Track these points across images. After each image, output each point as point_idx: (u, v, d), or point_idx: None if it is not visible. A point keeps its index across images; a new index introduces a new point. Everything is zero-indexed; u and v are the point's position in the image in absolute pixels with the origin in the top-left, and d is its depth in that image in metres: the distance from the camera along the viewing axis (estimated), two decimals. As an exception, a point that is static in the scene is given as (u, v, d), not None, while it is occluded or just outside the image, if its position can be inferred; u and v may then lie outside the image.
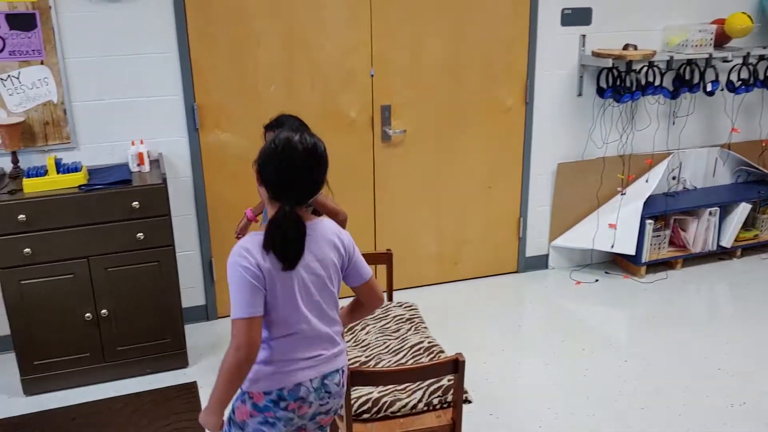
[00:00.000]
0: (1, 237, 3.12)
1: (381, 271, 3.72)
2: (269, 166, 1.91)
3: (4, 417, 3.24)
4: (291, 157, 1.90)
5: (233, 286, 1.89)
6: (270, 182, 1.92)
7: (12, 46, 3.38)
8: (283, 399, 1.97)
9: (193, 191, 3.86)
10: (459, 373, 2.27)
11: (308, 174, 1.93)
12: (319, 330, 2.00)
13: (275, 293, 1.92)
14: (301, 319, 1.97)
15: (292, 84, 3.86)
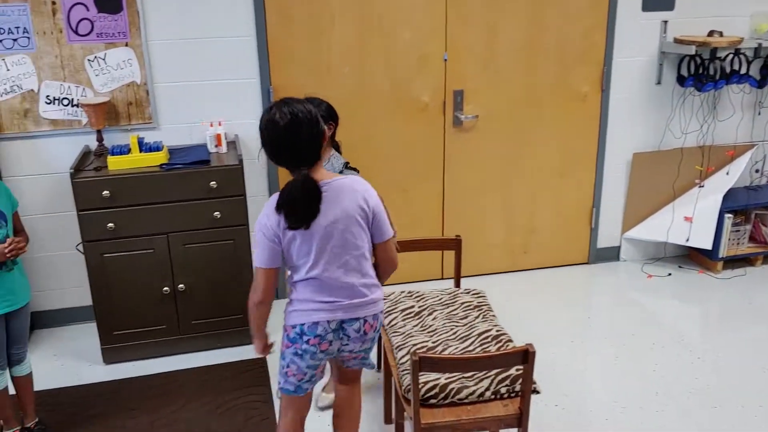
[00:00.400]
0: (86, 212, 3.27)
1: (449, 257, 3.74)
2: (263, 143, 2.16)
3: (84, 383, 3.41)
4: (275, 131, 2.11)
5: (256, 240, 2.20)
6: (270, 156, 2.18)
7: (99, 29, 3.51)
8: (305, 334, 2.26)
9: (267, 173, 3.94)
10: (529, 363, 2.26)
11: (293, 141, 2.11)
12: (340, 280, 2.23)
13: (294, 247, 2.18)
14: (319, 268, 2.21)
15: (365, 67, 3.88)
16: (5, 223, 2.72)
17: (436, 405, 2.38)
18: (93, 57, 3.54)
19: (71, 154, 3.59)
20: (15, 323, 2.82)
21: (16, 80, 3.50)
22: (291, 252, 2.20)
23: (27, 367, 2.93)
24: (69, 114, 3.61)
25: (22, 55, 3.47)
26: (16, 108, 3.54)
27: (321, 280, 2.22)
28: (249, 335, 3.63)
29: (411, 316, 2.89)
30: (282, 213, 2.12)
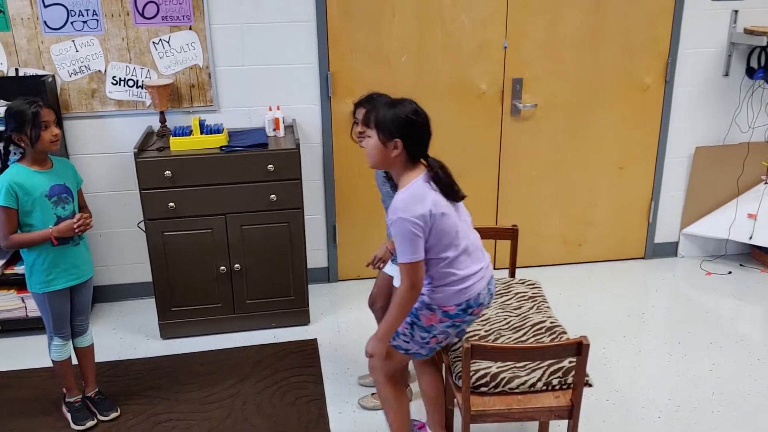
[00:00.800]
0: (148, 190, 3.37)
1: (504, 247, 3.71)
2: (415, 131, 2.30)
3: (142, 357, 3.52)
4: (426, 120, 2.34)
5: (399, 238, 2.26)
6: (418, 145, 2.32)
7: (165, 12, 3.58)
8: (470, 307, 2.39)
9: (322, 157, 3.98)
10: (582, 356, 2.23)
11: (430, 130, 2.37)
12: (475, 243, 2.43)
13: (447, 223, 2.29)
14: (465, 238, 2.37)
15: (423, 54, 3.86)
16: (72, 199, 2.82)
17: (486, 393, 2.37)
18: (158, 40, 3.63)
19: (135, 135, 3.69)
20: (79, 296, 2.93)
21: (84, 61, 3.61)
22: (443, 231, 2.29)
23: (89, 339, 3.04)
24: (134, 95, 3.71)
25: (91, 36, 3.58)
26: (84, 88, 3.66)
27: (468, 251, 2.37)
28: (301, 317, 3.73)
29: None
30: (441, 191, 2.30)
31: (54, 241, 2.72)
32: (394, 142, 2.28)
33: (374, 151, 2.33)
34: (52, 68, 3.60)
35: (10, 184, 2.67)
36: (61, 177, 2.80)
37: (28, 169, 2.73)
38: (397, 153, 2.29)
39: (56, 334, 2.91)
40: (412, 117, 2.28)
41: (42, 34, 3.53)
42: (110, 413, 3.04)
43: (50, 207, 2.74)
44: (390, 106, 2.31)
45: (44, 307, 2.86)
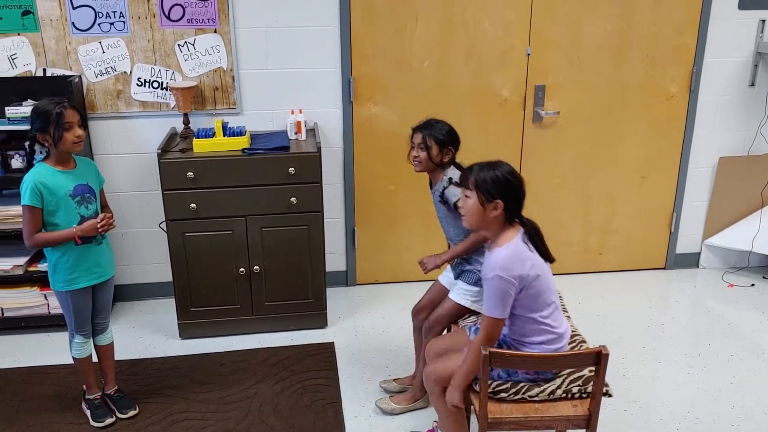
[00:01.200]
0: (171, 191, 3.40)
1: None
2: (515, 192, 2.35)
3: (161, 356, 3.55)
4: (523, 181, 2.39)
5: (492, 293, 2.30)
6: (517, 205, 2.37)
7: (190, 14, 3.62)
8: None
9: (343, 161, 3.99)
10: (601, 365, 2.22)
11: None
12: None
13: (544, 281, 2.35)
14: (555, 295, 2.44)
15: (446, 60, 3.87)
16: (95, 198, 2.85)
17: (505, 400, 2.36)
18: (183, 42, 3.66)
19: (158, 136, 3.73)
20: (100, 295, 2.96)
21: (110, 62, 3.66)
22: (539, 291, 2.34)
23: (109, 337, 3.07)
24: (158, 96, 3.75)
25: (118, 38, 3.63)
26: (109, 89, 3.70)
27: (558, 308, 2.44)
28: (319, 320, 3.75)
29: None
30: (536, 251, 2.36)
31: (77, 240, 2.76)
32: (494, 203, 2.32)
33: (473, 210, 2.36)
34: (79, 69, 3.65)
35: (35, 183, 2.70)
36: (84, 177, 2.83)
37: (53, 168, 2.76)
38: (497, 214, 2.33)
39: (77, 332, 2.95)
40: (511, 178, 2.34)
41: (70, 35, 3.59)
42: (129, 411, 3.06)
43: (74, 206, 2.77)
44: (488, 168, 2.36)
45: (66, 305, 2.90)
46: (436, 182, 2.90)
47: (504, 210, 2.33)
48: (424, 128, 2.86)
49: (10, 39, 3.56)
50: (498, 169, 2.35)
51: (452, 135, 2.87)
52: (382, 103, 3.91)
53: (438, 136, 2.83)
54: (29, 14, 3.53)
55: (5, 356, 3.55)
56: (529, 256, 2.32)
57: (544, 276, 2.35)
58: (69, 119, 2.68)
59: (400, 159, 4.02)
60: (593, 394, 2.30)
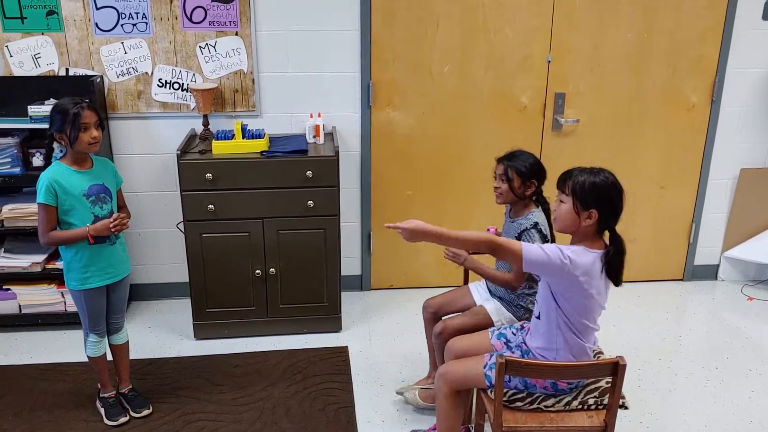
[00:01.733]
0: (189, 192, 3.41)
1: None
2: (613, 204, 2.27)
3: (175, 356, 3.56)
4: (623, 195, 2.30)
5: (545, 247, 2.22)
6: (612, 218, 2.28)
7: (212, 17, 3.64)
8: (576, 387, 2.40)
9: (360, 166, 4.00)
10: (618, 376, 2.20)
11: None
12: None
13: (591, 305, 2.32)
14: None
15: (466, 66, 3.86)
16: (110, 199, 2.86)
17: (520, 409, 2.35)
18: (204, 44, 3.68)
19: (178, 137, 3.75)
20: (114, 294, 2.97)
21: (132, 63, 3.69)
22: (589, 307, 2.31)
23: (124, 336, 3.09)
24: (178, 98, 3.77)
25: (140, 39, 3.65)
26: (130, 89, 3.73)
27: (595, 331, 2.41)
28: (333, 324, 3.74)
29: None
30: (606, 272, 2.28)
31: (90, 240, 2.76)
32: (589, 212, 2.24)
33: (566, 216, 2.28)
34: (101, 69, 3.68)
35: (50, 182, 2.72)
36: (101, 177, 2.84)
37: (69, 168, 2.78)
38: (590, 223, 2.25)
39: (92, 331, 2.96)
40: (611, 189, 2.25)
41: (93, 36, 3.62)
42: (142, 410, 3.08)
43: (88, 206, 2.79)
44: (590, 174, 2.26)
45: (80, 303, 2.91)
46: (517, 215, 2.82)
47: (598, 220, 2.24)
48: (507, 159, 2.78)
49: (35, 38, 3.59)
50: (599, 176, 2.26)
51: (536, 168, 2.78)
52: (401, 108, 3.91)
53: (520, 169, 2.74)
54: (53, 14, 3.56)
55: (22, 353, 3.57)
56: (597, 272, 2.25)
57: (598, 300, 2.30)
58: (86, 120, 2.70)
59: (417, 164, 4.03)
60: (609, 406, 2.28)
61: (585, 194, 2.23)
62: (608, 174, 2.28)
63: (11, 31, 3.57)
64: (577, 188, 2.25)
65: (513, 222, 2.84)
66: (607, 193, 2.24)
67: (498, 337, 2.62)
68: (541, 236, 2.71)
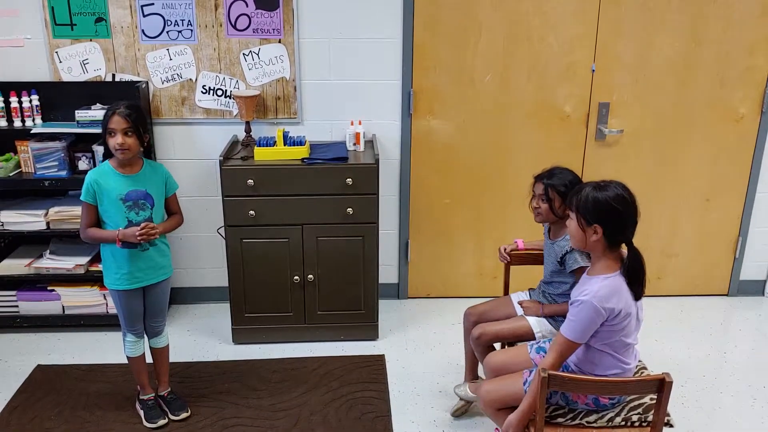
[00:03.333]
0: (231, 198, 3.44)
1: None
2: (616, 219, 2.24)
3: (214, 360, 3.59)
4: (632, 208, 2.28)
5: (578, 317, 2.23)
6: (620, 233, 2.27)
7: (256, 25, 3.68)
8: (619, 403, 2.39)
9: (399, 174, 3.99)
10: (664, 393, 2.14)
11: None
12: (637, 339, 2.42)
13: (623, 325, 2.27)
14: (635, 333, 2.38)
15: (508, 75, 3.83)
16: (150, 206, 2.87)
17: (562, 424, 2.31)
18: (248, 51, 3.72)
19: (220, 143, 3.79)
20: (152, 298, 3.00)
21: (177, 69, 3.74)
22: (622, 327, 2.28)
23: (164, 340, 3.12)
24: (221, 104, 3.81)
25: (185, 46, 3.70)
26: (175, 95, 3.78)
27: (633, 346, 2.38)
28: (370, 332, 3.74)
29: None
30: (629, 287, 2.27)
31: (118, 243, 2.79)
32: (594, 228, 2.24)
33: (574, 233, 2.31)
34: (147, 75, 3.74)
35: (90, 181, 2.80)
36: (145, 183, 2.86)
37: (113, 169, 2.83)
38: (596, 238, 2.25)
39: (129, 331, 3.00)
40: (615, 204, 2.23)
41: (139, 42, 3.68)
42: (181, 413, 3.10)
43: (123, 210, 2.81)
44: (595, 189, 2.26)
45: (117, 303, 2.96)
46: (557, 235, 2.79)
47: (604, 235, 2.24)
48: (547, 178, 2.73)
49: (83, 45, 3.67)
50: (604, 191, 2.25)
51: (576, 185, 2.71)
52: (442, 116, 3.89)
53: (560, 188, 2.70)
54: (102, 21, 3.63)
55: (64, 353, 3.64)
56: (625, 293, 2.25)
57: (632, 316, 2.29)
58: (112, 126, 2.73)
59: (456, 173, 4.01)
60: (654, 424, 2.22)
61: (587, 210, 2.23)
62: (614, 188, 2.25)
63: (61, 38, 3.65)
64: (580, 204, 2.25)
65: (554, 244, 2.79)
66: (609, 207, 2.22)
67: (537, 351, 2.58)
68: (583, 255, 2.66)
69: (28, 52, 3.67)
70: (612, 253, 2.28)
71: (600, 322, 2.22)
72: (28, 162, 3.61)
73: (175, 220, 2.99)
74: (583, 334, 2.23)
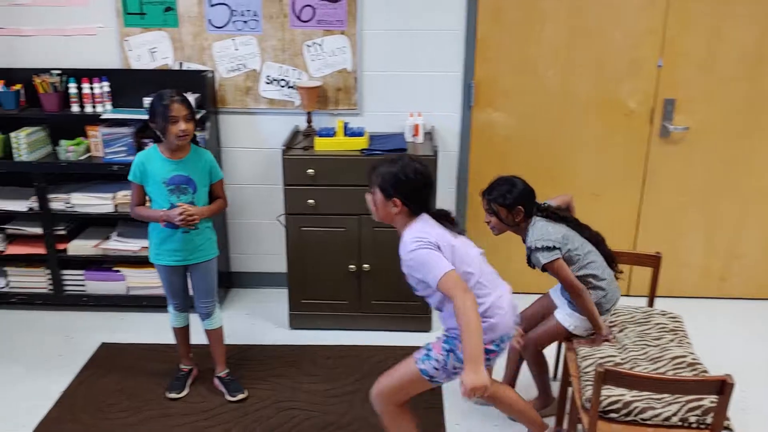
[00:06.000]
0: (292, 186, 3.50)
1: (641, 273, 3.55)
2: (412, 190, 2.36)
3: (270, 343, 3.67)
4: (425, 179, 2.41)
5: (420, 265, 2.28)
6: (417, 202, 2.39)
7: (320, 16, 3.72)
8: (504, 341, 2.43)
9: (458, 166, 3.98)
10: (725, 395, 2.10)
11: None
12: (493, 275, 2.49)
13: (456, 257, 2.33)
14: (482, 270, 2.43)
15: (571, 68, 3.77)
16: (193, 190, 2.94)
17: (615, 420, 2.28)
18: (311, 43, 3.77)
19: (282, 133, 3.85)
20: (196, 279, 3.11)
21: (242, 60, 3.82)
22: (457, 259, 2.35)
23: (216, 322, 3.20)
24: (284, 95, 3.87)
25: (250, 36, 3.78)
26: (239, 85, 3.86)
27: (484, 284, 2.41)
28: (422, 323, 3.75)
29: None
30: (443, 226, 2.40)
31: (162, 223, 2.90)
32: (393, 201, 2.36)
33: (378, 206, 2.43)
34: (213, 64, 3.83)
35: (137, 162, 2.92)
36: (189, 169, 2.93)
37: (159, 154, 2.92)
38: (397, 211, 2.37)
39: (170, 303, 3.17)
40: (402, 176, 2.34)
41: (206, 32, 3.77)
42: (238, 394, 3.18)
43: (166, 194, 2.90)
44: (387, 165, 2.38)
45: (159, 275, 3.11)
46: (525, 237, 2.81)
47: (404, 206, 2.36)
48: (487, 193, 2.81)
49: (152, 33, 3.78)
50: (395, 166, 2.37)
51: (517, 193, 2.73)
52: (502, 108, 3.87)
53: (500, 200, 2.75)
54: (170, 11, 3.74)
55: (127, 331, 3.77)
56: (434, 229, 2.34)
57: (458, 246, 2.34)
58: (174, 113, 2.79)
59: (516, 166, 3.93)
60: (713, 427, 2.18)
61: (385, 185, 2.36)
62: (405, 161, 2.37)
63: (132, 27, 3.77)
64: (374, 180, 2.40)
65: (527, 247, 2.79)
66: (400, 180, 2.33)
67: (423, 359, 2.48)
68: (544, 251, 2.66)
69: (100, 40, 3.80)
70: (416, 218, 2.40)
71: (436, 249, 2.27)
72: (98, 146, 3.75)
73: (217, 204, 3.05)
74: (440, 264, 2.23)
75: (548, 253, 2.65)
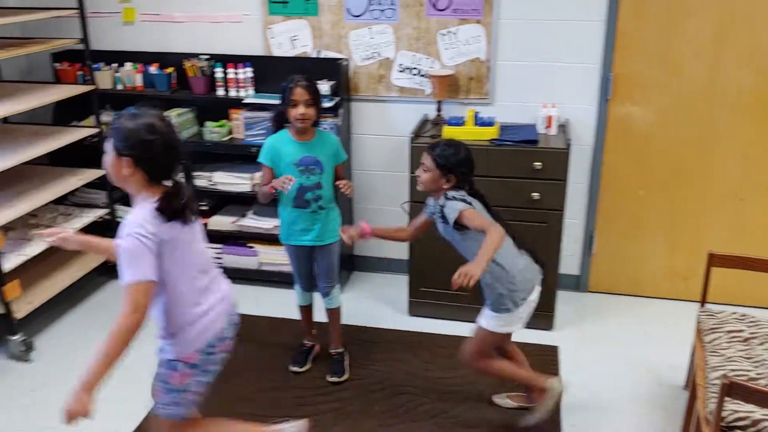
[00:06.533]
0: (417, 174, 3.53)
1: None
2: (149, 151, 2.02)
3: (388, 327, 3.73)
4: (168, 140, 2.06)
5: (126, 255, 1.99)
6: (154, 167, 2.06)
7: (456, 5, 3.71)
8: (213, 346, 2.24)
9: (591, 161, 3.85)
10: None
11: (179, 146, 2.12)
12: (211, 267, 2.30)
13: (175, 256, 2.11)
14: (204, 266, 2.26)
15: (718, 61, 3.53)
16: (320, 171, 3.05)
17: (743, 438, 2.13)
18: (446, 31, 3.77)
19: (411, 121, 3.89)
20: (318, 261, 3.24)
21: (377, 48, 3.88)
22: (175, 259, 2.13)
23: (335, 302, 3.32)
24: (415, 83, 3.90)
25: (386, 25, 3.83)
26: (373, 73, 3.93)
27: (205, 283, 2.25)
28: (545, 321, 3.66)
29: (737, 341, 2.62)
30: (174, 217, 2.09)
31: (271, 189, 2.98)
32: (124, 161, 2.00)
33: (107, 167, 2.06)
34: (348, 53, 3.92)
35: (268, 145, 3.06)
36: (316, 151, 3.04)
37: (289, 136, 3.05)
38: (129, 173, 2.01)
39: (296, 281, 3.31)
40: (146, 134, 1.98)
41: (344, 21, 3.87)
42: (334, 376, 3.28)
43: (296, 174, 3.01)
44: (128, 118, 2.02)
45: (288, 255, 3.26)
46: (436, 207, 2.77)
47: (137, 167, 2.00)
48: (430, 148, 2.72)
49: (294, 22, 3.93)
50: (137, 119, 2.00)
51: (456, 161, 2.68)
52: (641, 102, 3.69)
53: (437, 160, 2.66)
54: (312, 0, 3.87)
55: (258, 305, 3.97)
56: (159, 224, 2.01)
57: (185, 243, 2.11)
58: (295, 97, 2.91)
59: (654, 163, 3.79)
60: None
61: (119, 140, 2.00)
62: (151, 115, 2.01)
63: (275, 15, 3.93)
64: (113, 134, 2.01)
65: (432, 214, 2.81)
66: (140, 138, 1.98)
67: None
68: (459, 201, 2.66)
69: (245, 27, 4.00)
70: (153, 189, 2.06)
71: (153, 247, 1.98)
72: (240, 129, 3.96)
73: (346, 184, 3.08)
74: (143, 269, 1.96)
75: (463, 203, 2.62)
